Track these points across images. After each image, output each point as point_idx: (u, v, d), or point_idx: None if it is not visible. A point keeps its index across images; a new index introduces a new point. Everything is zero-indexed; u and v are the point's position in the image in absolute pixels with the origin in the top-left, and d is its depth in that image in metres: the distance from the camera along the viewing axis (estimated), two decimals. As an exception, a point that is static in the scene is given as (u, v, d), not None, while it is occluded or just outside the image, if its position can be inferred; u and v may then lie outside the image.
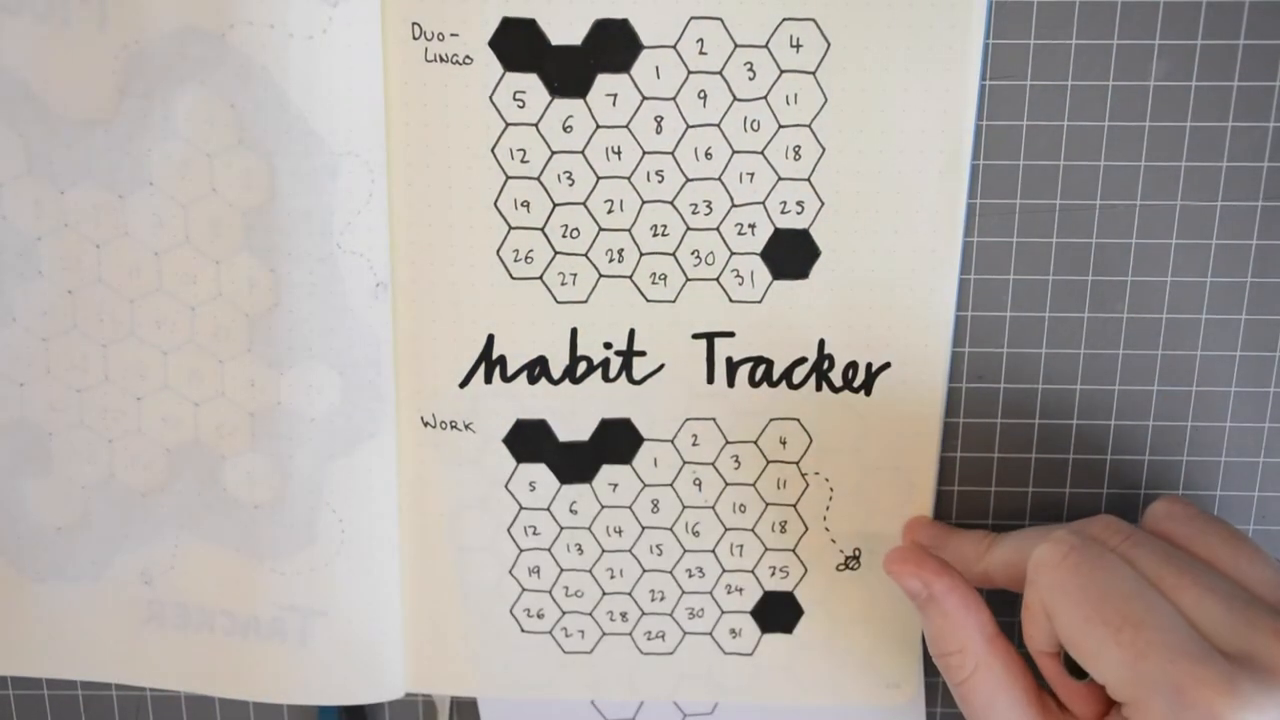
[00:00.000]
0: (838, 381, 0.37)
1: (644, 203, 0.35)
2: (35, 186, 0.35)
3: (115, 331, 0.36)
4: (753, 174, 0.35)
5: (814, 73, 0.34)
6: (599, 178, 0.35)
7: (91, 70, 0.34)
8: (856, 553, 0.39)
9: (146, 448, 0.38)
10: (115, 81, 0.34)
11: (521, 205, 0.36)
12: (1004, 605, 0.38)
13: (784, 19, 0.34)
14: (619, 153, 0.35)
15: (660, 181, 0.35)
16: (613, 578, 0.39)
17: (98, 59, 0.34)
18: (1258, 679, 0.29)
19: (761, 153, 0.35)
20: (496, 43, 0.34)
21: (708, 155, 0.35)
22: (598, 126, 0.35)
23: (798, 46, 0.34)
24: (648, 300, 0.36)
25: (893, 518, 0.38)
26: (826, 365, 0.37)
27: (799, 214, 0.35)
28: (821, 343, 0.36)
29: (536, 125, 0.35)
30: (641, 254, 0.36)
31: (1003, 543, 0.35)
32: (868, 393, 0.37)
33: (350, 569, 0.38)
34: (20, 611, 0.39)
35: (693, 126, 0.35)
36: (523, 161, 0.35)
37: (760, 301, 0.36)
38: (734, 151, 0.35)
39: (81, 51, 0.34)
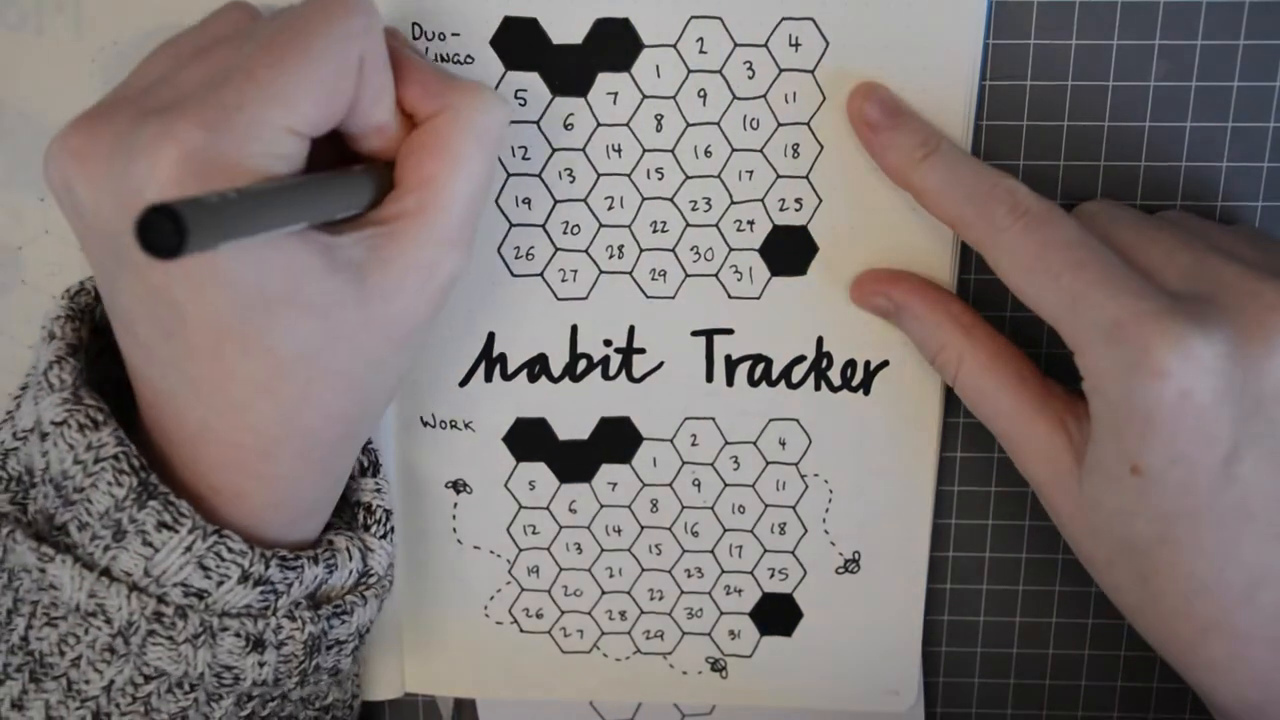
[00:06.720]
0: (836, 380, 0.37)
1: (644, 199, 0.36)
2: (15, 196, 0.36)
3: None
4: (752, 171, 0.35)
5: (812, 71, 0.34)
6: (599, 175, 0.35)
7: (68, 76, 0.35)
8: (856, 556, 0.39)
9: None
10: (93, 85, 0.35)
11: (522, 202, 0.36)
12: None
13: (783, 18, 0.34)
14: (619, 150, 0.35)
15: (660, 179, 0.35)
16: (612, 577, 0.39)
17: (74, 65, 0.35)
18: (1196, 318, 0.28)
19: (760, 150, 0.35)
20: (498, 42, 0.34)
21: (707, 153, 0.35)
22: (598, 124, 0.35)
23: (796, 45, 0.34)
24: (647, 296, 0.36)
25: (893, 519, 0.38)
26: (825, 363, 0.37)
27: (797, 210, 0.35)
28: (820, 340, 0.36)
29: (538, 123, 0.35)
30: (641, 250, 0.36)
31: (941, 170, 0.33)
32: (866, 392, 0.37)
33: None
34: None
35: (692, 124, 0.35)
36: (524, 159, 0.35)
37: (759, 298, 0.36)
38: (733, 149, 0.35)
39: (57, 59, 0.34)
